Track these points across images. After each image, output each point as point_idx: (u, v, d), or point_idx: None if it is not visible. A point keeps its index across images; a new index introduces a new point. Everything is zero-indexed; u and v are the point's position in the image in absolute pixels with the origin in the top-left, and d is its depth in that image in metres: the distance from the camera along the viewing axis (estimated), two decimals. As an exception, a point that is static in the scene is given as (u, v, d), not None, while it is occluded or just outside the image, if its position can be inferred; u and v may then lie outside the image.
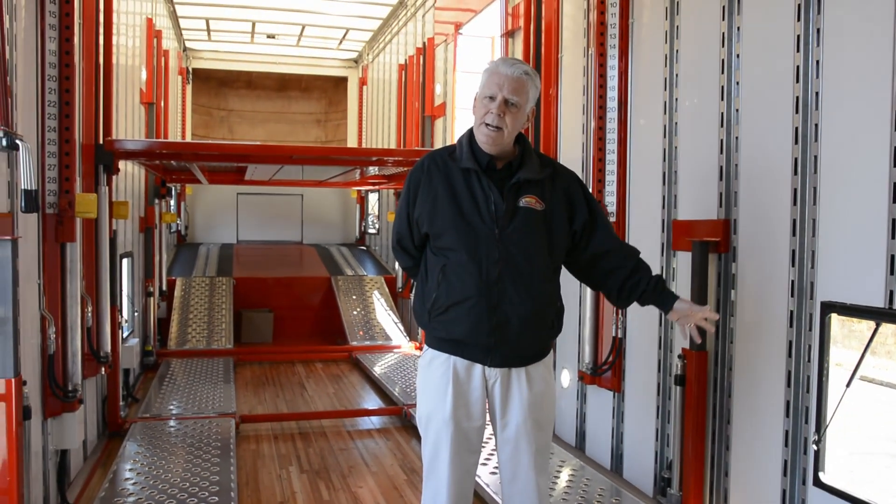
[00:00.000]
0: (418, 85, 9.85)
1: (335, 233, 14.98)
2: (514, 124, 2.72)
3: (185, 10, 11.71)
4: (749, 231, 3.64)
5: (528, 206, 2.74)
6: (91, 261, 4.90)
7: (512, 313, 2.70)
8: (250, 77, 16.04)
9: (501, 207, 2.71)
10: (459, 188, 2.76)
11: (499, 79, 2.69)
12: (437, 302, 2.77)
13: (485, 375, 2.77)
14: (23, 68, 3.58)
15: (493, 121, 2.68)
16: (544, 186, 2.80)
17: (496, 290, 2.69)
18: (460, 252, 2.71)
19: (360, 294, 10.77)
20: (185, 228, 13.93)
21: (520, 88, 2.69)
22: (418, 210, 2.82)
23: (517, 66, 2.72)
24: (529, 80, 2.72)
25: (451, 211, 2.74)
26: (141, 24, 8.04)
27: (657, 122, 4.43)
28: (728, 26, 3.80)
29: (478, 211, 2.72)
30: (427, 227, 2.80)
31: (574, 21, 5.48)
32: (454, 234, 2.73)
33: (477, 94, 2.79)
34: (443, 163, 2.82)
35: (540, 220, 2.75)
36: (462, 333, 2.73)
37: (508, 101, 2.68)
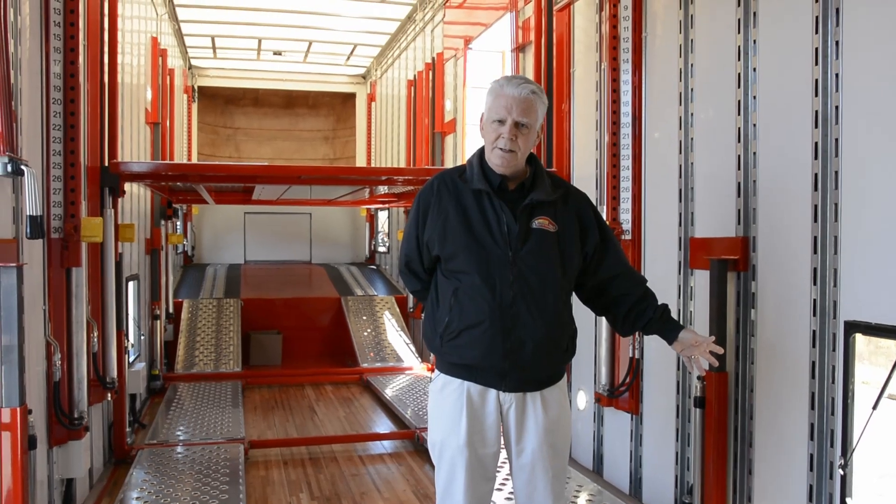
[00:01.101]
0: (427, 101, 9.89)
1: (344, 252, 15.01)
2: (526, 145, 2.72)
3: (191, 27, 11.82)
4: (769, 248, 3.62)
5: (541, 227, 2.74)
6: (97, 285, 4.93)
7: (526, 337, 2.69)
8: (257, 94, 16.16)
9: (514, 229, 2.71)
10: (471, 210, 2.76)
11: (506, 101, 2.68)
12: (449, 326, 2.76)
13: (499, 401, 2.77)
14: (28, 92, 3.62)
15: (505, 145, 2.68)
16: (556, 207, 2.80)
17: (510, 314, 2.68)
18: (473, 275, 2.71)
19: (371, 314, 10.78)
20: (191, 249, 13.99)
21: (528, 109, 2.68)
22: (428, 232, 2.81)
23: (523, 85, 2.70)
24: (537, 98, 2.71)
25: (462, 233, 2.73)
26: (146, 42, 8.12)
27: (672, 137, 4.43)
28: (744, 39, 3.80)
29: (490, 233, 2.72)
30: (438, 249, 2.79)
31: (586, 34, 5.50)
32: (467, 257, 2.72)
33: (484, 116, 2.79)
34: (453, 184, 2.82)
35: (553, 241, 2.75)
36: (475, 358, 2.72)
37: (519, 124, 2.67)
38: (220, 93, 15.74)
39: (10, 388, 3.03)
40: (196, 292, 11.03)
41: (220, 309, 10.39)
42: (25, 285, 3.17)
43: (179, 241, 10.35)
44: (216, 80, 15.03)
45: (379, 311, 10.87)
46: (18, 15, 3.38)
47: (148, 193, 7.88)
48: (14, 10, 3.27)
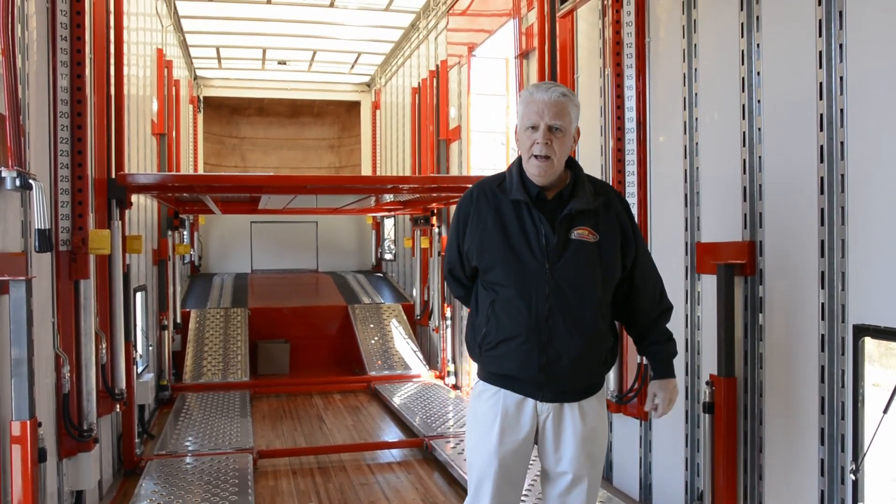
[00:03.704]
0: (432, 108, 9.91)
1: (351, 260, 15.02)
2: (562, 149, 2.68)
3: (196, 38, 11.88)
4: (776, 253, 3.62)
5: (581, 238, 2.70)
6: (105, 296, 4.95)
7: (563, 351, 2.67)
8: (262, 104, 16.21)
9: (553, 241, 2.68)
10: (509, 221, 2.74)
11: (537, 107, 2.65)
12: (486, 337, 2.77)
13: (536, 411, 2.76)
14: (35, 106, 3.65)
15: (540, 151, 2.64)
16: (598, 216, 2.76)
17: (546, 328, 2.67)
18: (509, 287, 2.70)
19: (378, 322, 10.78)
20: (198, 259, 14.03)
21: (561, 111, 2.65)
22: (468, 243, 2.81)
23: (553, 89, 2.69)
24: (568, 100, 2.69)
25: (500, 245, 2.72)
26: (151, 54, 8.16)
27: (677, 142, 4.43)
28: (747, 43, 3.80)
29: (528, 245, 2.69)
30: (476, 260, 2.79)
31: (589, 40, 5.51)
32: (503, 269, 2.71)
33: (518, 127, 2.76)
34: (492, 194, 2.80)
35: (593, 252, 2.71)
36: (512, 369, 2.73)
37: (552, 128, 2.64)
38: (225, 103, 15.80)
39: (20, 402, 3.04)
40: (203, 302, 11.05)
41: (227, 318, 10.41)
42: (34, 298, 3.18)
43: (186, 251, 10.38)
44: (221, 90, 15.09)
45: (386, 319, 10.87)
46: (26, 30, 3.40)
47: (155, 204, 7.91)
48: (22, 25, 3.30)
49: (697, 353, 4.27)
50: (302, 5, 10.27)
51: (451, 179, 7.73)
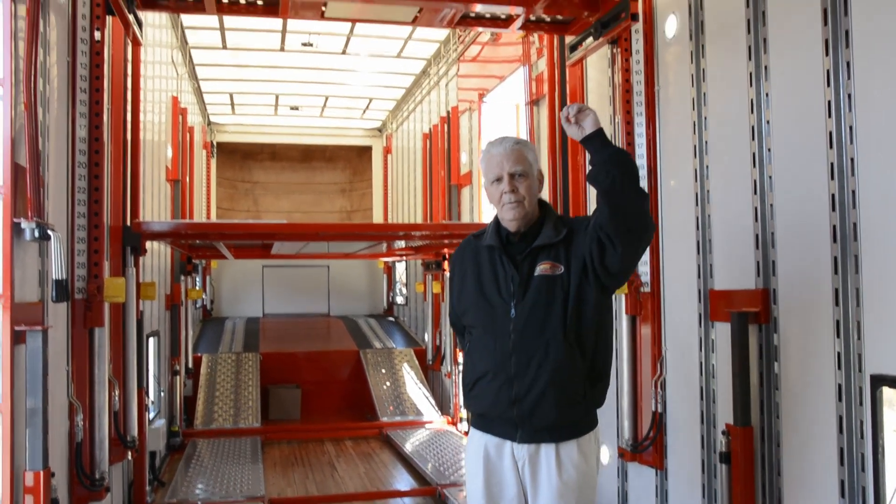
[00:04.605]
0: (443, 153, 10.00)
1: (362, 304, 15.05)
2: (530, 192, 2.84)
3: (210, 85, 12.10)
4: (789, 301, 3.61)
5: (544, 272, 2.81)
6: (118, 343, 4.97)
7: (530, 384, 2.76)
8: (274, 149, 16.41)
9: (517, 280, 2.82)
10: (485, 268, 2.91)
11: (496, 160, 2.83)
12: (465, 379, 2.95)
13: (514, 455, 2.83)
14: (54, 156, 3.72)
15: (509, 198, 2.81)
16: (559, 249, 2.84)
17: (511, 363, 2.78)
18: (479, 328, 2.89)
19: (390, 367, 10.76)
20: (210, 303, 14.09)
21: (519, 158, 2.82)
22: (454, 292, 3.02)
23: (505, 141, 2.87)
24: (523, 146, 2.87)
25: (474, 290, 2.91)
26: (166, 101, 8.31)
27: (689, 189, 4.45)
28: (756, 93, 3.84)
29: (497, 287, 2.85)
30: (458, 307, 3.01)
31: (599, 87, 5.58)
32: (474, 312, 2.91)
33: (485, 186, 2.94)
34: (474, 245, 2.99)
35: (556, 285, 2.80)
36: (487, 407, 2.85)
37: (514, 174, 2.81)
38: (238, 148, 16.01)
39: (34, 452, 3.05)
40: (215, 347, 11.07)
41: (238, 363, 10.42)
42: (50, 346, 3.21)
43: (199, 296, 10.43)
44: (235, 135, 15.31)
45: (398, 364, 10.85)
46: (47, 84, 3.49)
47: (168, 249, 7.98)
48: (44, 79, 3.38)
49: (713, 402, 4.24)
50: (314, 53, 10.46)
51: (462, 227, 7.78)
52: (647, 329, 4.83)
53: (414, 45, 10.33)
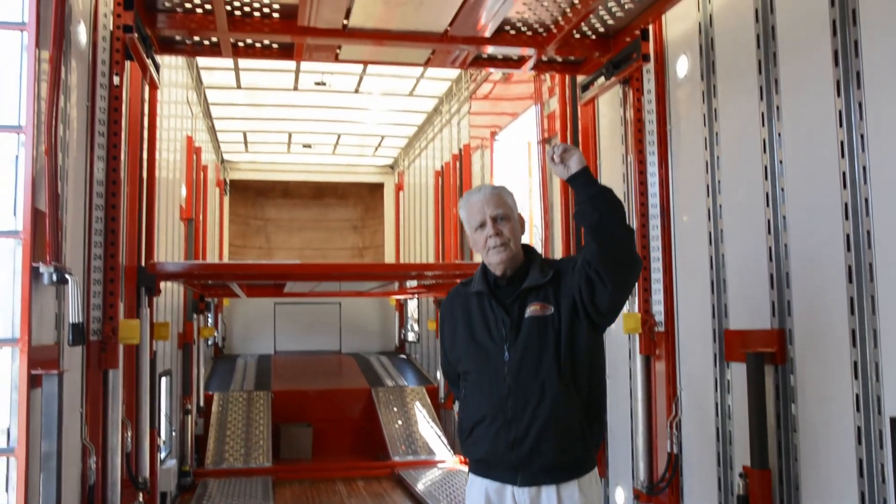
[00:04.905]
0: (455, 190, 10.07)
1: (374, 341, 15.04)
2: (514, 234, 2.90)
3: (224, 124, 12.25)
4: (806, 341, 3.60)
5: (534, 314, 2.84)
6: (131, 383, 4.98)
7: (528, 426, 2.77)
8: (287, 186, 16.54)
9: (507, 322, 2.85)
10: (474, 314, 2.94)
11: (477, 206, 2.90)
12: (462, 425, 2.96)
13: (515, 499, 2.81)
14: (72, 199, 3.77)
15: (494, 242, 2.86)
16: (548, 290, 2.88)
17: (508, 405, 2.79)
18: (473, 374, 2.91)
19: (402, 406, 10.72)
20: (221, 340, 14.11)
21: (498, 201, 2.90)
22: (446, 342, 3.05)
23: (484, 188, 2.96)
24: (501, 190, 2.95)
25: (465, 337, 2.94)
26: (181, 139, 8.42)
27: (702, 228, 4.46)
28: (769, 132, 3.87)
29: (488, 332, 2.88)
30: (451, 355, 3.05)
31: (611, 127, 5.62)
32: (468, 358, 2.93)
33: (469, 235, 2.99)
34: (463, 293, 3.04)
35: (548, 325, 2.82)
36: (486, 452, 2.84)
37: (496, 218, 2.87)
38: (251, 185, 16.14)
39: (48, 496, 3.06)
40: (226, 385, 11.07)
41: (250, 401, 10.40)
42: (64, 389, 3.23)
43: (211, 333, 10.46)
44: (248, 173, 15.45)
45: (410, 402, 10.81)
46: (67, 129, 3.55)
47: (181, 288, 8.03)
48: (64, 124, 3.45)
49: (729, 443, 4.20)
50: (327, 91, 10.59)
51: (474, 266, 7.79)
52: (661, 369, 4.81)
53: (426, 84, 10.45)
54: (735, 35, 4.17)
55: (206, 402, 10.05)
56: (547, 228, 7.17)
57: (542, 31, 4.93)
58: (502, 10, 4.41)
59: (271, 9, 4.52)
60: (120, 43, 4.25)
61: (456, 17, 4.50)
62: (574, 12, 4.56)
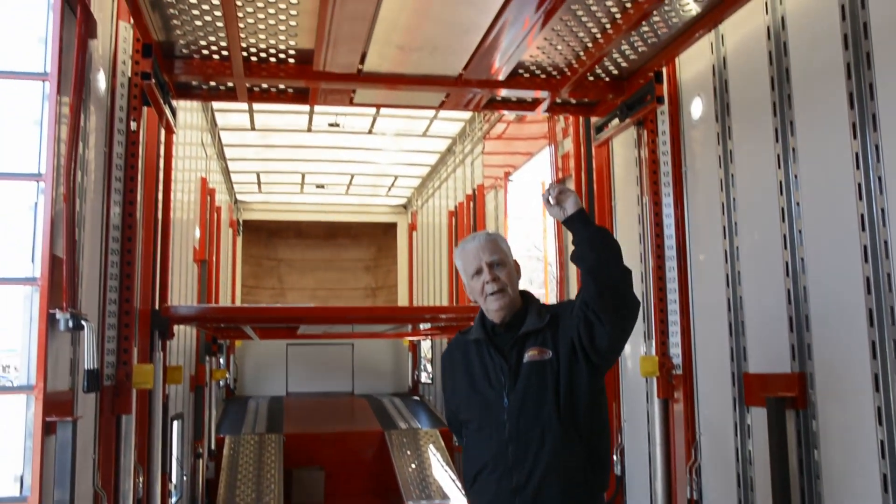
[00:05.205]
0: (469, 230, 10.10)
1: (387, 382, 14.98)
2: (511, 279, 2.92)
3: (237, 165, 12.39)
4: (827, 386, 3.57)
5: (532, 359, 2.84)
6: (143, 428, 4.98)
7: (529, 473, 2.75)
8: (300, 226, 16.65)
9: (506, 369, 2.85)
10: (474, 362, 2.95)
11: (472, 254, 2.93)
12: (465, 475, 2.95)
13: None
14: (88, 245, 3.82)
15: (492, 288, 2.88)
16: (546, 334, 2.88)
17: (509, 452, 2.78)
18: (474, 422, 2.91)
19: (415, 449, 10.64)
20: (233, 382, 14.10)
21: (493, 248, 2.93)
22: (447, 391, 3.08)
23: (477, 236, 3.00)
24: (496, 237, 2.99)
25: (465, 386, 2.95)
26: (195, 180, 8.51)
27: (719, 270, 4.46)
28: (785, 175, 3.89)
29: (487, 379, 2.88)
30: (452, 404, 3.07)
31: (626, 167, 5.65)
32: (468, 407, 2.94)
33: (466, 284, 3.01)
34: (463, 343, 3.05)
35: (546, 370, 2.82)
36: (488, 500, 2.83)
37: (492, 264, 2.90)
38: (264, 226, 16.26)
39: (60, 545, 3.06)
40: (238, 427, 11.04)
41: (261, 445, 10.36)
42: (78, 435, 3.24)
43: (223, 376, 10.47)
44: (261, 213, 15.58)
45: (423, 445, 10.73)
46: (85, 175, 3.62)
47: (193, 330, 8.06)
48: (82, 171, 3.51)
49: (751, 490, 4.16)
50: (341, 132, 10.71)
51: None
52: (680, 413, 4.77)
53: (440, 124, 10.56)
54: (749, 77, 4.21)
55: (217, 446, 10.02)
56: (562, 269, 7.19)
57: (555, 74, 4.99)
58: (516, 53, 4.47)
59: (287, 54, 4.60)
60: (138, 89, 4.34)
61: (470, 61, 4.57)
62: (588, 55, 4.62)
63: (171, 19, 4.12)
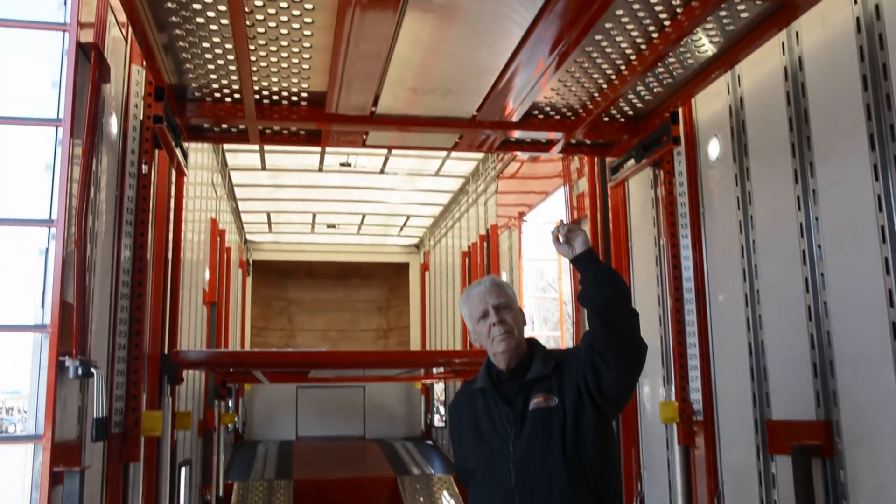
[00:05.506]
0: (483, 271, 10.11)
1: (399, 426, 14.88)
2: (517, 322, 2.93)
3: (248, 205, 12.48)
4: (855, 434, 3.53)
5: (538, 406, 2.83)
6: (151, 475, 4.95)
7: None
8: (310, 266, 16.70)
9: (511, 417, 2.85)
10: (480, 411, 2.96)
11: (478, 298, 2.95)
12: None
13: None
14: (98, 290, 3.85)
15: (499, 330, 2.88)
16: (552, 381, 2.88)
17: (515, 501, 2.76)
18: (480, 471, 2.91)
19: (429, 495, 10.54)
20: (242, 426, 14.04)
21: (499, 292, 2.96)
22: (455, 442, 3.08)
23: (483, 281, 3.03)
24: (501, 282, 3.03)
25: (472, 434, 2.95)
26: (205, 220, 8.58)
27: (739, 314, 4.44)
28: (805, 217, 3.89)
29: (493, 428, 2.88)
30: (460, 454, 3.06)
31: (643, 202, 5.65)
32: (475, 456, 2.94)
33: (472, 330, 3.02)
34: (469, 392, 3.05)
35: (552, 417, 2.81)
36: None
37: (499, 307, 2.91)
38: (273, 266, 16.31)
39: None
40: (247, 473, 10.98)
41: (270, 491, 10.30)
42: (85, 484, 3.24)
43: (232, 420, 10.43)
44: (271, 253, 15.64)
45: (437, 492, 10.63)
46: (97, 220, 3.66)
47: (202, 374, 8.06)
48: (93, 215, 3.55)
49: (777, 541, 4.09)
50: (352, 172, 10.80)
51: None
52: (701, 460, 4.71)
53: (452, 163, 10.63)
54: (767, 117, 4.24)
55: (225, 492, 9.95)
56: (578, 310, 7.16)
57: (570, 115, 5.03)
58: (530, 95, 4.51)
59: (299, 97, 4.66)
60: (150, 133, 4.41)
61: (484, 103, 4.62)
62: (602, 96, 4.66)
63: (183, 63, 4.19)
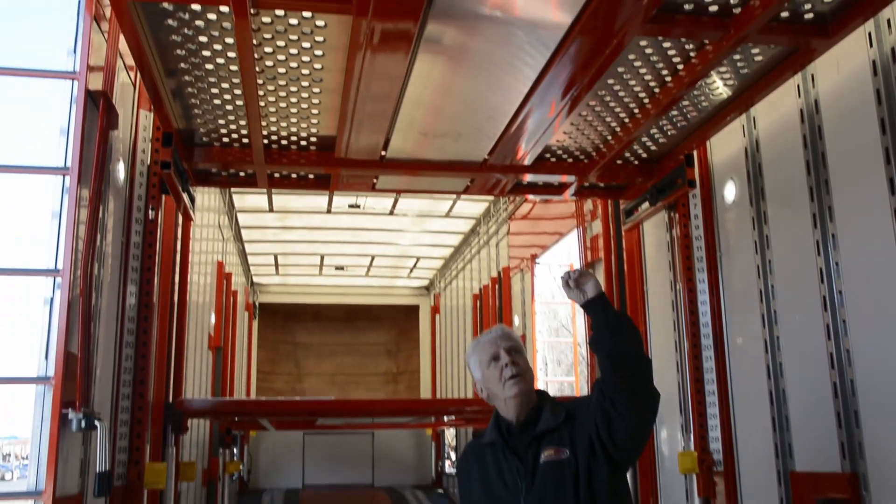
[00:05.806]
0: (494, 314, 10.08)
1: (409, 473, 14.70)
2: (527, 364, 2.93)
3: (255, 247, 12.52)
4: (884, 487, 3.47)
5: (549, 458, 2.79)
6: (154, 530, 4.93)
7: None
8: (318, 309, 16.67)
9: (522, 470, 2.80)
10: (489, 466, 2.91)
11: (489, 344, 2.94)
12: None
13: None
14: (103, 338, 3.86)
15: (510, 372, 2.85)
16: (563, 432, 2.84)
17: None
18: None
19: (439, 547, 10.39)
20: (247, 474, 13.91)
21: (508, 337, 2.97)
22: (464, 498, 3.02)
23: (492, 330, 3.03)
24: (510, 330, 3.03)
25: (481, 490, 2.90)
26: (212, 263, 8.60)
27: (759, 361, 4.41)
28: (825, 261, 3.87)
29: (504, 483, 2.83)
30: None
31: (658, 244, 5.64)
32: None
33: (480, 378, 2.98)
34: (478, 447, 3.01)
35: (564, 469, 2.77)
36: None
37: (510, 350, 2.89)
38: (280, 309, 16.29)
39: None
40: (251, 524, 10.85)
41: (276, 543, 10.17)
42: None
43: (237, 469, 10.34)
44: (278, 296, 15.63)
45: (447, 543, 10.48)
46: (102, 268, 3.68)
47: (207, 421, 8.01)
48: (99, 263, 3.57)
49: None
50: (361, 213, 10.83)
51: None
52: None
53: (463, 205, 10.65)
54: (784, 161, 4.25)
55: (229, 546, 9.84)
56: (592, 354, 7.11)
57: (583, 158, 5.05)
58: (543, 139, 4.54)
59: (308, 141, 4.71)
60: (157, 178, 4.45)
61: (495, 147, 4.65)
62: (616, 140, 4.68)
63: (191, 108, 4.24)
